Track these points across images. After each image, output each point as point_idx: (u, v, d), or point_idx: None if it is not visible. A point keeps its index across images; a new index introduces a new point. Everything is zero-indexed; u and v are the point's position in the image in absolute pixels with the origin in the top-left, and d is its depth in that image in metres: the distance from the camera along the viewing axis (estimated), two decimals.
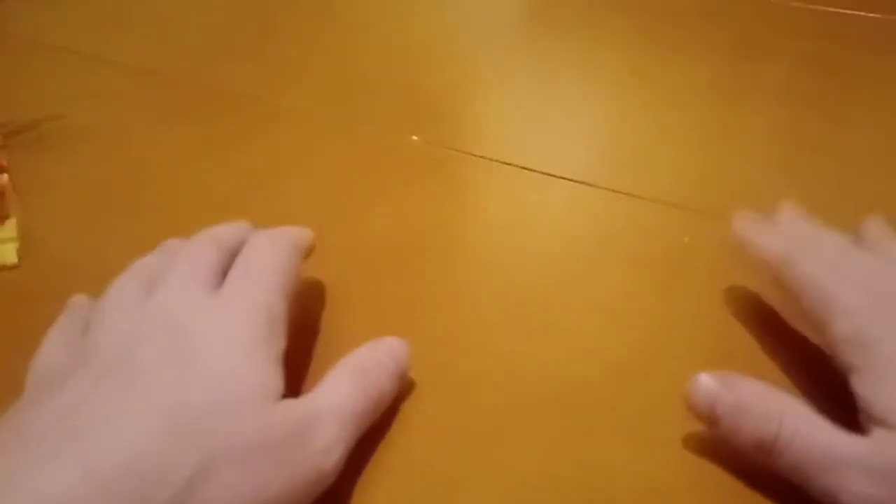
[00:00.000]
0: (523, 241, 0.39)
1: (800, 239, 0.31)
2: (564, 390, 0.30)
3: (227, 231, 0.31)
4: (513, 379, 0.31)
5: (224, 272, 0.28)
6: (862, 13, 0.69)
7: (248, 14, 0.72)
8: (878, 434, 0.24)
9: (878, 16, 0.69)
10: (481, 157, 0.46)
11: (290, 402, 0.25)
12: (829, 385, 0.28)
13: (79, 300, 0.31)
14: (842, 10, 0.70)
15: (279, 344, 0.26)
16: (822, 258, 0.30)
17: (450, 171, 0.46)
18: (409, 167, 0.46)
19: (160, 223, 0.41)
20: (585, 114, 0.52)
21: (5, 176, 0.40)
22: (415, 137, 0.49)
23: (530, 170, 0.45)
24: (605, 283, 0.36)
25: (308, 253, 0.32)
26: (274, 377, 0.25)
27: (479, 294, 0.35)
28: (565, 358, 0.32)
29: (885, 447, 0.24)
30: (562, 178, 0.44)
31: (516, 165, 0.45)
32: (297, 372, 0.31)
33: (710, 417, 0.27)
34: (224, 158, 0.47)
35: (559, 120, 0.51)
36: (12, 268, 0.37)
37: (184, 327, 0.25)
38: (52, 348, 0.28)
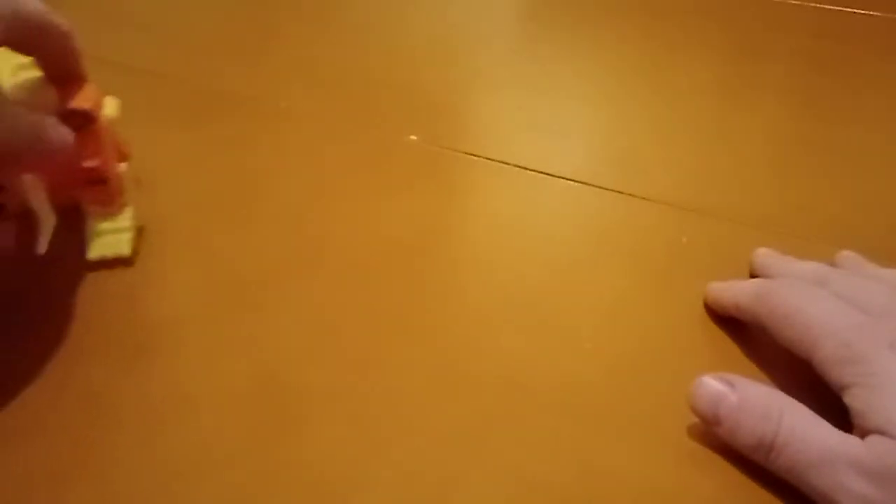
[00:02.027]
0: (522, 241, 0.39)
1: (768, 273, 0.31)
2: (563, 390, 0.30)
3: None
4: (511, 379, 0.32)
5: None
6: (862, 11, 0.69)
7: (247, 15, 0.72)
8: (874, 439, 0.24)
9: (878, 14, 0.69)
10: (480, 156, 0.46)
11: None
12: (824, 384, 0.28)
13: None
14: (842, 9, 0.70)
15: None
16: (795, 285, 0.30)
17: (448, 170, 0.46)
18: (408, 167, 0.46)
19: (157, 223, 0.41)
20: (584, 113, 0.52)
21: (124, 165, 0.38)
22: (413, 137, 0.49)
23: (529, 169, 0.45)
24: (603, 283, 0.36)
25: None
26: None
27: (478, 294, 0.35)
28: (564, 357, 0.32)
29: (881, 451, 0.24)
30: (560, 177, 0.44)
31: (515, 165, 0.45)
32: (294, 371, 0.31)
33: (712, 418, 0.27)
34: (223, 159, 0.47)
35: (558, 119, 0.51)
36: (125, 259, 0.37)
37: None
38: None
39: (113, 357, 0.32)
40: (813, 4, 0.71)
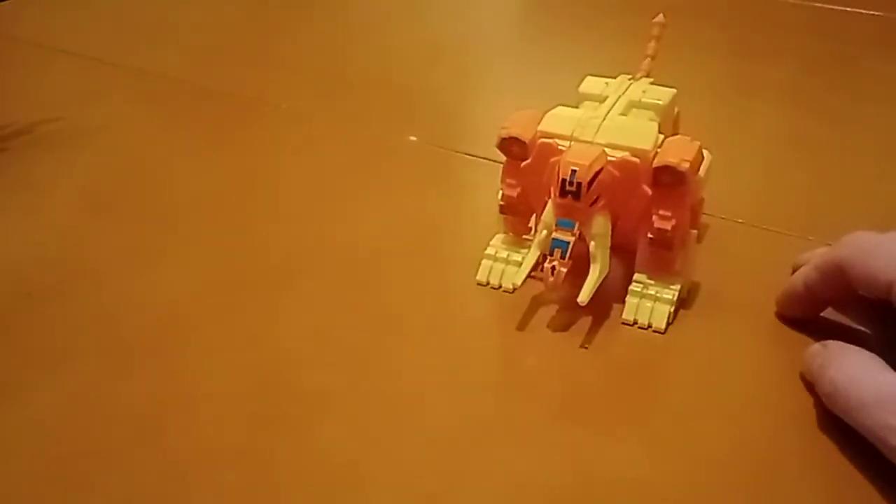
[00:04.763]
0: None
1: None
2: (565, 393, 0.30)
3: None
4: (510, 379, 0.32)
5: None
6: (862, 11, 0.69)
7: (246, 16, 0.73)
8: None
9: (879, 14, 0.69)
10: (478, 157, 0.46)
11: None
12: None
13: None
14: (842, 8, 0.70)
15: None
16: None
17: (448, 171, 0.47)
18: (408, 167, 0.47)
19: (159, 223, 0.41)
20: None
21: (695, 233, 0.34)
22: (413, 138, 0.49)
23: None
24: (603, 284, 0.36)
25: None
26: None
27: (478, 294, 0.35)
28: (563, 358, 0.32)
29: None
30: None
31: None
32: (294, 371, 0.32)
33: (811, 380, 0.29)
34: (223, 159, 0.48)
35: None
36: (657, 331, 0.33)
37: None
38: None
39: (113, 357, 0.32)
40: (811, 4, 0.71)
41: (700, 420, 0.29)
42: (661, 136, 0.32)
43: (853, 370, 0.27)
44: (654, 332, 0.33)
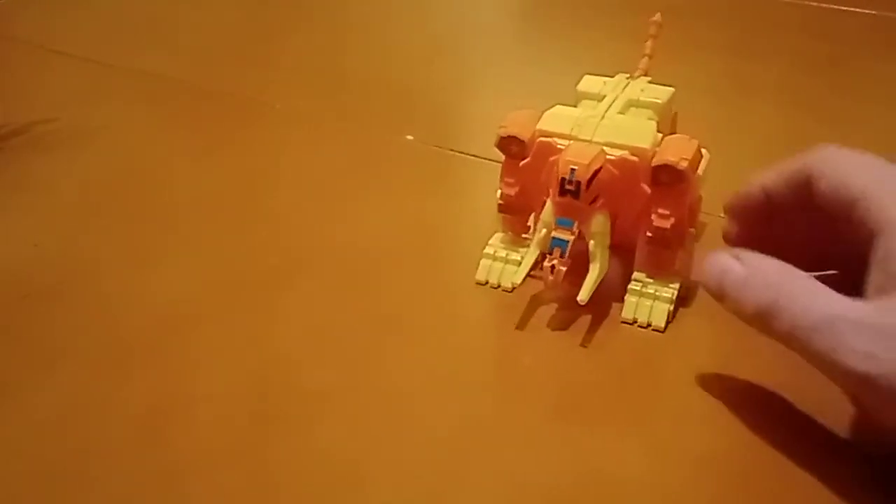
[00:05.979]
0: None
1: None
2: (564, 392, 0.31)
3: None
4: (509, 379, 0.32)
5: None
6: (858, 10, 0.69)
7: (246, 16, 0.73)
8: (883, 300, 0.24)
9: (874, 13, 0.69)
10: (474, 156, 0.46)
11: None
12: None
13: None
14: (838, 7, 0.70)
15: None
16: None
17: (444, 169, 0.47)
18: (404, 166, 0.47)
19: (159, 223, 0.41)
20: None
21: (693, 231, 0.34)
22: (409, 137, 0.49)
23: None
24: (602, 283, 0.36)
25: None
26: None
27: (477, 293, 0.36)
28: (561, 357, 0.32)
29: (889, 309, 0.24)
30: None
31: None
32: (294, 370, 0.32)
33: (718, 291, 0.27)
34: (221, 159, 0.48)
35: None
36: (656, 330, 0.33)
37: None
38: None
39: (113, 357, 0.32)
40: (808, 3, 0.71)
41: (698, 419, 0.29)
42: (660, 135, 0.32)
43: (796, 291, 0.25)
44: (654, 330, 0.33)
